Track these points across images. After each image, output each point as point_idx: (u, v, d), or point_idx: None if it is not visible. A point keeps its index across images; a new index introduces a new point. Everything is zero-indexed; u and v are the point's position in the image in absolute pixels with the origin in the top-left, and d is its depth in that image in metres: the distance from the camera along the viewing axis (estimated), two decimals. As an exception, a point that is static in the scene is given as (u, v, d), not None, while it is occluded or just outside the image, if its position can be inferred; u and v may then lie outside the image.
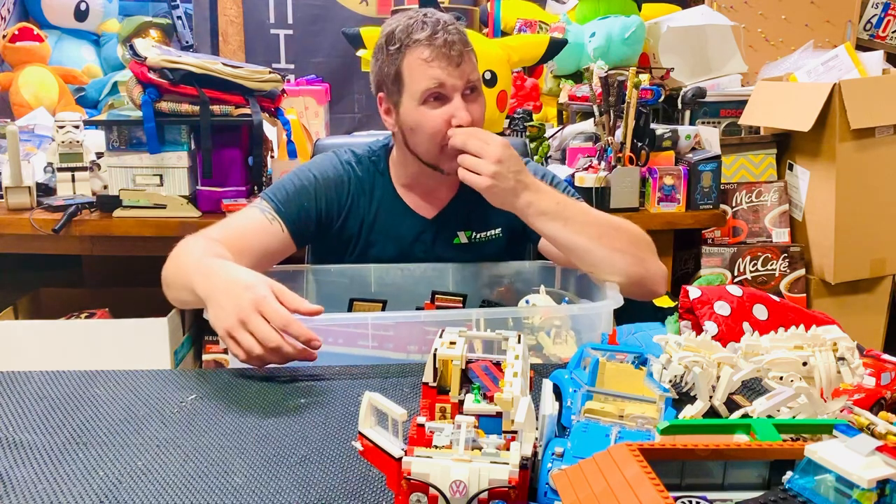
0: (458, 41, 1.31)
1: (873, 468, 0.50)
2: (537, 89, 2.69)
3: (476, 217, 1.47)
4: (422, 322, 1.16)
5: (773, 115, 2.41)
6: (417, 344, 1.14)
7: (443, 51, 1.30)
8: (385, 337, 1.15)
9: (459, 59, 1.30)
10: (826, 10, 2.85)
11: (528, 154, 1.78)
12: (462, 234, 1.47)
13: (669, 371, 0.88)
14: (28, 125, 2.50)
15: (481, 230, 1.48)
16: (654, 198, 2.17)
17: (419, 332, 1.14)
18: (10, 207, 2.04)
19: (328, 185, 1.42)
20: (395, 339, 1.15)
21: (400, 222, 1.46)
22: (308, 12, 3.20)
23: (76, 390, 1.02)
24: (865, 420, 0.81)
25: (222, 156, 2.04)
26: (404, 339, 1.15)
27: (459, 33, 1.33)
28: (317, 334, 1.01)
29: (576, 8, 2.86)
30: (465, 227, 1.47)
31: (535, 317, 1.17)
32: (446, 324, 1.03)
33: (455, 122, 1.31)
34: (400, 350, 1.15)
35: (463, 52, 1.31)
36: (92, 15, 3.16)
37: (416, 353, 1.15)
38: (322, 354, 1.04)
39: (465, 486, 0.60)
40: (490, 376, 0.78)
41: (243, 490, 0.77)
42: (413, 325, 1.16)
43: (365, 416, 0.66)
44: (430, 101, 1.33)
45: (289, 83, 2.67)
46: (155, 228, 2.00)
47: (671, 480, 0.57)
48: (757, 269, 2.37)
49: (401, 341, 1.15)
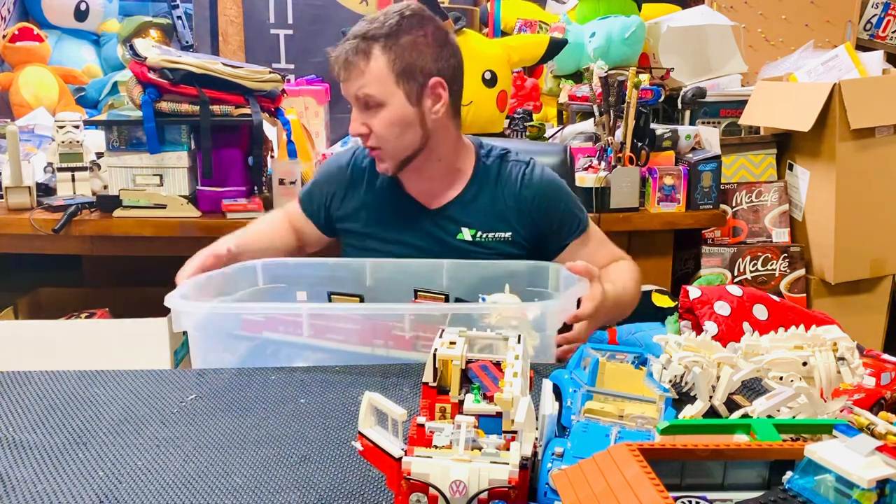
0: (348, 59, 1.36)
1: (873, 468, 0.50)
2: (537, 89, 2.69)
3: (483, 217, 1.47)
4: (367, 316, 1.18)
5: (773, 115, 2.41)
6: (383, 339, 1.17)
7: (336, 67, 1.39)
8: (351, 331, 1.17)
9: (345, 74, 1.37)
10: (826, 10, 2.85)
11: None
12: (466, 230, 1.47)
13: (669, 371, 0.88)
14: (28, 125, 2.50)
15: (487, 230, 1.47)
16: (654, 198, 2.17)
17: (383, 328, 1.17)
18: (10, 207, 2.04)
19: (331, 173, 1.56)
20: (361, 334, 1.17)
21: (402, 209, 1.48)
22: (308, 12, 3.20)
23: (76, 390, 1.02)
24: (865, 420, 0.82)
25: (222, 156, 2.04)
26: (368, 334, 1.17)
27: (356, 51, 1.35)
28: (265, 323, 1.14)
29: (576, 8, 2.86)
30: (469, 225, 1.47)
31: (492, 316, 1.16)
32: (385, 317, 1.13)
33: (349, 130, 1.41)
34: (366, 344, 1.18)
35: (348, 69, 1.36)
36: (92, 15, 3.16)
37: (382, 349, 1.18)
38: (283, 344, 1.12)
39: (465, 486, 0.60)
40: (490, 376, 0.78)
41: (243, 490, 0.77)
42: (378, 321, 1.18)
43: (365, 416, 0.66)
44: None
45: (289, 83, 2.67)
46: (155, 228, 2.00)
47: (671, 480, 0.57)
48: (757, 269, 2.37)
49: (366, 335, 1.17)
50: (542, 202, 1.46)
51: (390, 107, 1.37)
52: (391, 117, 1.37)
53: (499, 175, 1.47)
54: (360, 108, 1.39)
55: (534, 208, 1.45)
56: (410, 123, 1.39)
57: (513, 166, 1.48)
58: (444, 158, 1.46)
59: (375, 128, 1.38)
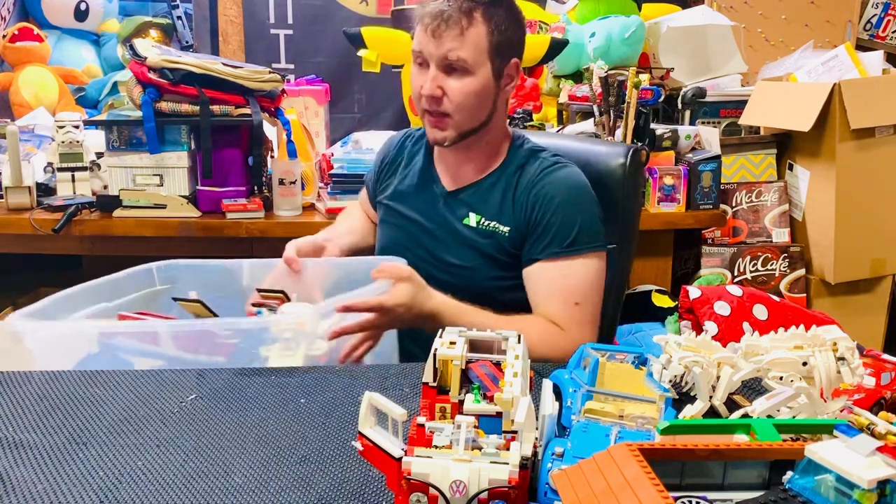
0: (450, 16, 1.28)
1: (873, 468, 0.50)
2: (537, 89, 2.68)
3: (491, 205, 1.40)
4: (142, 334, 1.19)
5: (773, 115, 2.41)
6: (206, 347, 1.18)
7: (428, 20, 1.30)
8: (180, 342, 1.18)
9: (440, 31, 1.28)
10: (826, 10, 2.85)
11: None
12: (473, 216, 1.41)
13: (669, 371, 0.88)
14: (28, 125, 2.50)
15: (490, 219, 1.40)
16: (654, 198, 2.17)
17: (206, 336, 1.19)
18: (10, 207, 2.04)
19: (382, 150, 1.60)
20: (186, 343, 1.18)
21: (425, 188, 1.47)
22: (308, 12, 3.20)
23: (76, 390, 1.02)
24: (865, 420, 0.81)
25: (222, 156, 2.04)
26: (193, 343, 1.18)
27: (459, 10, 1.28)
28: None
29: (576, 8, 2.86)
30: (476, 210, 1.41)
31: (271, 327, 1.16)
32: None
33: (422, 90, 1.32)
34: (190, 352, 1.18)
35: (446, 26, 1.28)
36: (92, 15, 3.16)
37: (204, 356, 1.17)
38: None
39: (465, 486, 0.60)
40: (490, 376, 0.78)
41: (243, 490, 0.77)
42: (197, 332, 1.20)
43: (365, 416, 0.66)
44: (416, 62, 1.35)
45: (289, 83, 2.67)
46: (155, 228, 2.00)
47: (671, 480, 0.57)
48: (757, 269, 2.37)
49: (190, 344, 1.18)
50: (539, 200, 1.35)
51: (477, 77, 1.31)
52: (476, 87, 1.32)
53: (522, 167, 1.39)
54: (441, 68, 1.31)
55: (529, 204, 1.35)
56: (488, 97, 1.34)
57: (541, 162, 1.39)
58: (492, 141, 1.41)
59: (453, 93, 1.31)
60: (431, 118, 1.35)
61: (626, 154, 1.47)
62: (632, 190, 1.47)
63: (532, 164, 1.39)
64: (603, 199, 1.40)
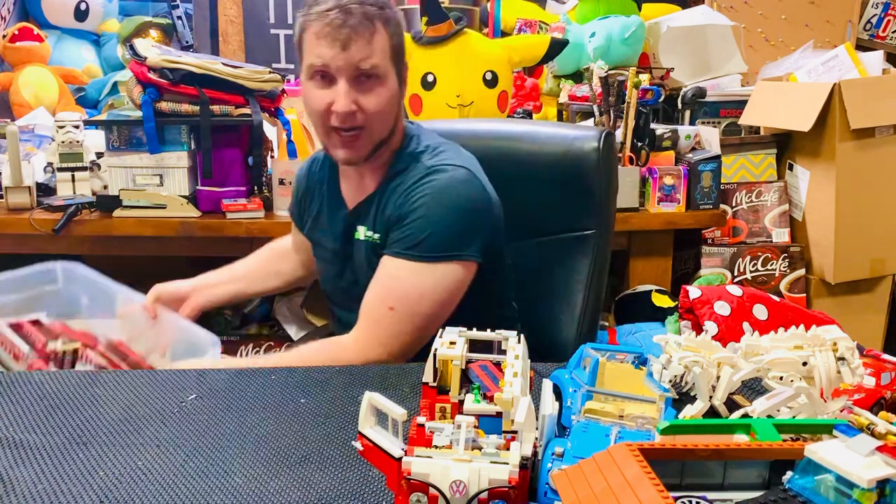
0: (355, 25, 1.21)
1: (873, 468, 0.50)
2: (537, 89, 2.68)
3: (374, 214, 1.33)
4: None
5: (773, 115, 2.41)
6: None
7: (330, 30, 1.21)
8: None
9: (348, 41, 1.21)
10: (826, 10, 2.85)
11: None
12: (362, 228, 1.34)
13: (669, 371, 0.88)
14: (28, 125, 2.50)
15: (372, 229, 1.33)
16: (654, 198, 2.17)
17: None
18: (10, 207, 2.04)
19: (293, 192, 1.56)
20: None
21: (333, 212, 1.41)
22: (308, 12, 3.20)
23: (76, 390, 1.02)
24: (865, 420, 0.81)
25: (222, 156, 2.04)
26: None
27: (362, 15, 1.21)
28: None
29: (576, 8, 2.86)
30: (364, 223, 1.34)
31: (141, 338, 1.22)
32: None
33: (334, 107, 1.24)
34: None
35: (353, 35, 1.21)
36: (92, 15, 3.16)
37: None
38: None
39: (465, 486, 0.60)
40: (490, 376, 0.78)
41: (243, 490, 0.77)
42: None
43: (365, 416, 0.66)
44: (316, 78, 1.26)
45: (289, 83, 2.67)
46: (155, 228, 2.00)
47: (671, 480, 0.57)
48: (757, 269, 2.37)
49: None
50: (404, 204, 1.27)
51: (387, 84, 1.27)
52: (388, 96, 1.27)
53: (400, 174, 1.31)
54: (352, 81, 1.24)
55: (396, 210, 1.28)
56: (396, 105, 1.30)
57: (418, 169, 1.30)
58: (389, 147, 1.34)
59: (369, 105, 1.25)
60: (345, 136, 1.27)
61: (599, 138, 1.42)
62: (606, 174, 1.44)
63: (411, 170, 1.31)
64: (577, 184, 1.39)
